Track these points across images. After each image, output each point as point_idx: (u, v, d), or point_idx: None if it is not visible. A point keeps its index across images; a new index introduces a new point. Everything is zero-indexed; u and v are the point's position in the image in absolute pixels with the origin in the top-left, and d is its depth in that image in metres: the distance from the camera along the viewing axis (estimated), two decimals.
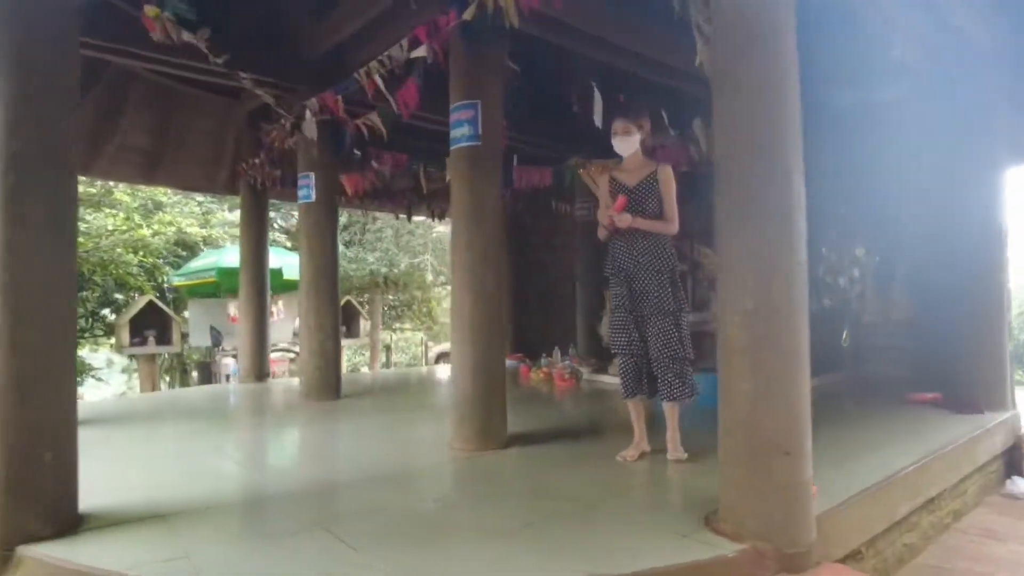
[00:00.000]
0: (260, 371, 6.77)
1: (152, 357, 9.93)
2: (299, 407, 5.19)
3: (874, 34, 4.27)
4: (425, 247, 14.19)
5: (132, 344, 9.20)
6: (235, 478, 3.15)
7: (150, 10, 3.81)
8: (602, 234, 3.45)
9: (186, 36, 3.88)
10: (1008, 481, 4.33)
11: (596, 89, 4.27)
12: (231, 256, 9.80)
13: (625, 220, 3.26)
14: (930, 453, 3.39)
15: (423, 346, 17.56)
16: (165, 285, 11.70)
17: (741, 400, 2.28)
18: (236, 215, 12.27)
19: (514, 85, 4.66)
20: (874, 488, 2.83)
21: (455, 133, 3.69)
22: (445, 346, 17.62)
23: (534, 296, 9.01)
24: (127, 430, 4.31)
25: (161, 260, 11.71)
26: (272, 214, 12.83)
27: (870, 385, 5.74)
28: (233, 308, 9.69)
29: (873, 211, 6.18)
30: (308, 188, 5.43)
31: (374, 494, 2.96)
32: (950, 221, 4.91)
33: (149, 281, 11.64)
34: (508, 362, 8.54)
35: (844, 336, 7.23)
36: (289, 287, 9.52)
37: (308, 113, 5.25)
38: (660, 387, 3.31)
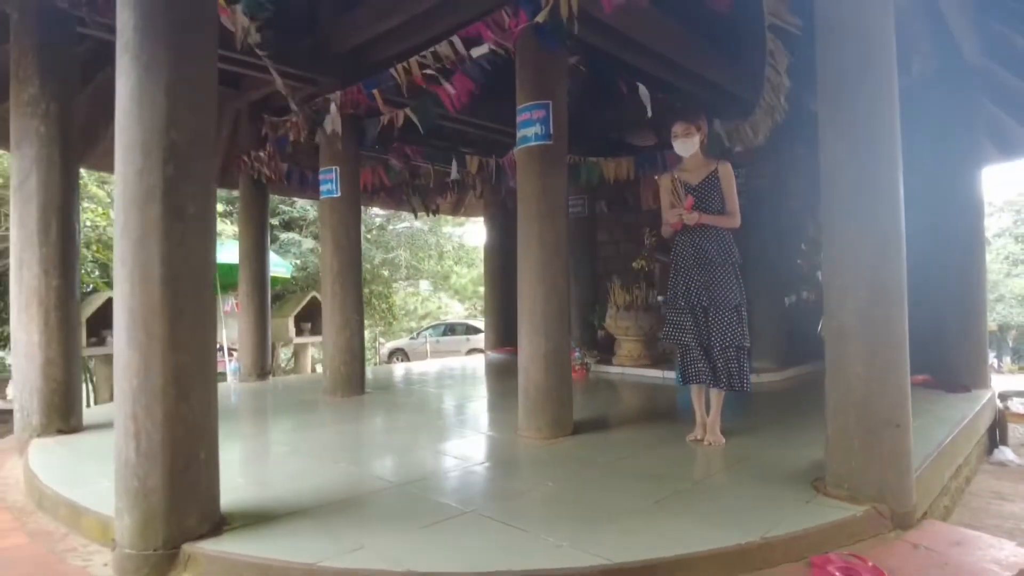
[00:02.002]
0: (262, 368, 6.64)
1: (110, 358, 9.47)
2: (331, 404, 5.17)
3: None
4: (399, 242, 14.05)
5: (89, 345, 8.74)
6: (333, 473, 3.16)
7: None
8: (667, 231, 3.67)
9: (251, 32, 3.80)
10: (996, 450, 4.88)
11: (641, 85, 4.49)
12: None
13: (693, 218, 3.48)
14: (956, 424, 3.82)
15: (375, 342, 17.40)
16: None
17: (856, 382, 2.56)
18: (221, 208, 11.75)
19: None
20: (934, 456, 3.20)
21: (525, 132, 3.81)
22: (398, 343, 17.53)
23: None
24: None
25: None
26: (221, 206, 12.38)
27: None
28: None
29: None
30: (332, 183, 5.39)
31: (488, 481, 3.08)
32: (933, 216, 5.41)
33: (102, 278, 11.01)
34: (500, 355, 8.77)
35: (820, 326, 7.81)
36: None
37: (333, 106, 5.23)
38: (722, 376, 3.49)
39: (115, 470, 2.29)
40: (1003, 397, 5.36)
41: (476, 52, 4.02)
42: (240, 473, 3.13)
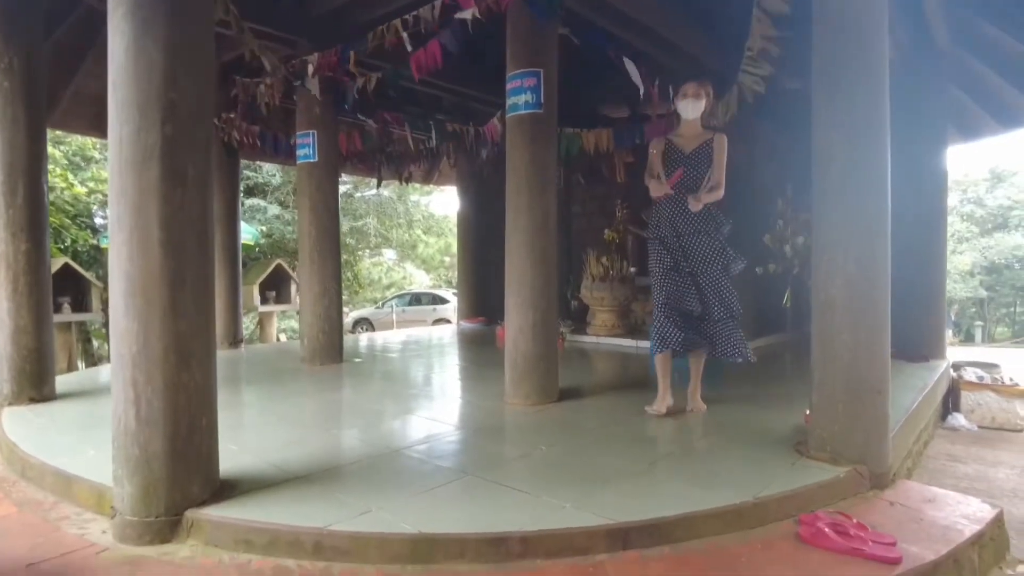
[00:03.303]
0: (235, 337, 6.53)
1: (68, 326, 9.14)
2: (311, 373, 5.13)
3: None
4: (368, 210, 13.80)
5: None
6: (325, 440, 3.17)
7: None
8: (657, 192, 3.48)
9: None
10: (950, 416, 5.17)
11: (627, 60, 4.49)
12: None
13: (696, 206, 3.35)
14: (919, 391, 4.04)
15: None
16: (81, 247, 10.68)
17: (842, 350, 2.68)
18: None
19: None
20: (904, 420, 3.38)
21: (515, 100, 3.79)
22: (363, 312, 17.37)
23: (499, 260, 9.17)
24: None
25: (71, 220, 10.64)
26: None
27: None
28: None
29: None
30: (309, 147, 5.27)
31: (482, 446, 3.13)
32: (900, 195, 5.60)
33: (56, 244, 10.58)
34: (472, 325, 8.80)
35: (785, 297, 8.07)
36: None
37: (310, 68, 5.09)
38: (719, 345, 3.45)
39: (113, 438, 2.25)
40: (956, 367, 5.66)
41: (460, 15, 3.95)
42: (232, 441, 3.09)
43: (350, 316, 17.27)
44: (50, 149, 10.22)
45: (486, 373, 5.01)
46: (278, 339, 10.74)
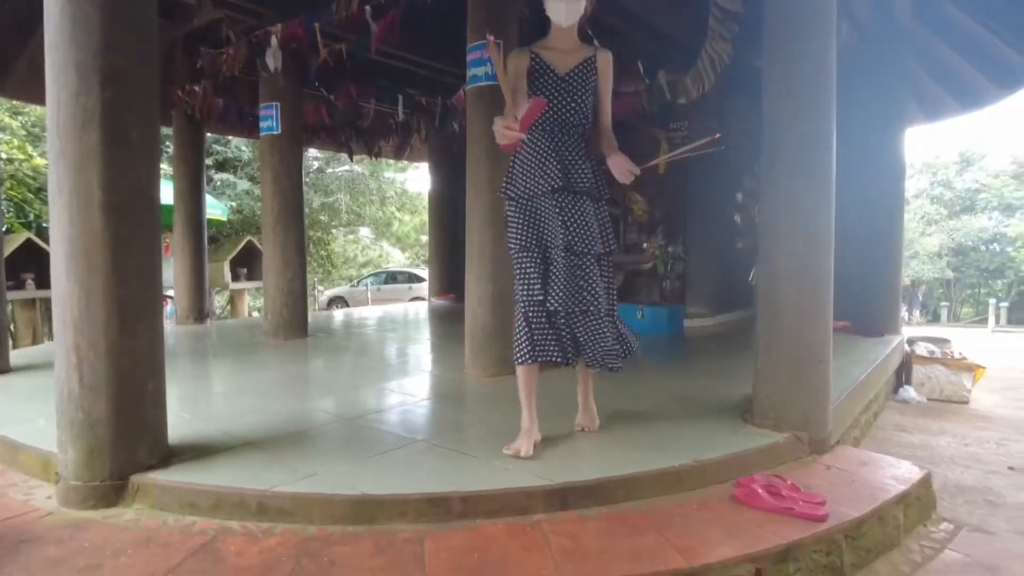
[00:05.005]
0: (200, 312, 6.48)
1: (32, 303, 8.98)
2: (274, 346, 5.12)
3: None
4: (339, 186, 13.65)
5: (8, 289, 8.27)
6: (280, 409, 3.18)
7: None
8: (509, 138, 2.31)
9: None
10: (901, 389, 5.33)
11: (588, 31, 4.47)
12: None
13: (627, 176, 2.42)
14: (870, 364, 4.16)
15: (313, 290, 17.09)
16: (45, 222, 10.43)
17: (788, 320, 2.74)
18: None
19: None
20: (850, 390, 3.49)
21: (475, 71, 3.78)
22: (337, 290, 17.28)
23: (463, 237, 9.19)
24: None
25: (34, 195, 10.39)
26: None
27: None
28: None
29: None
30: (272, 119, 5.21)
31: (437, 414, 3.17)
32: (858, 175, 5.71)
33: (18, 218, 10.34)
34: (443, 302, 8.81)
35: (752, 275, 8.20)
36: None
37: (274, 39, 5.01)
38: (588, 351, 2.54)
39: (56, 403, 2.25)
40: (910, 342, 5.83)
41: None
42: (186, 409, 3.10)
43: (324, 294, 17.19)
44: (7, 120, 9.97)
45: (450, 347, 5.04)
46: (250, 315, 10.66)
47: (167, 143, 8.15)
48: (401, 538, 1.97)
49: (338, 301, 16.28)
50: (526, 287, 2.51)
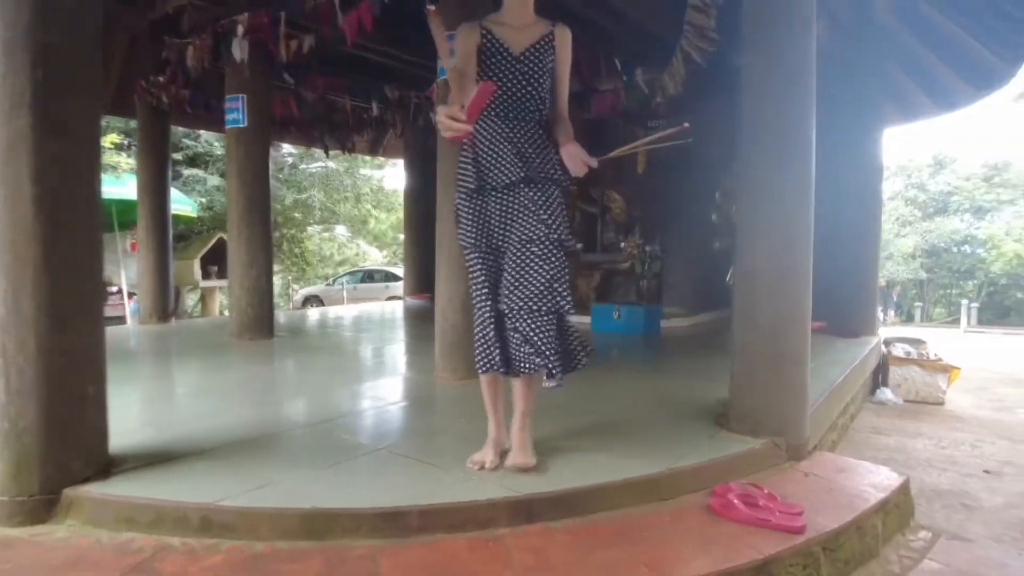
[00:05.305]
0: (164, 310, 6.26)
1: None
2: (238, 347, 4.94)
3: None
4: (313, 183, 13.38)
5: None
6: (238, 414, 3.02)
7: None
8: (455, 130, 1.94)
9: None
10: (878, 390, 5.30)
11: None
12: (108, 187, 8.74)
13: (580, 168, 2.14)
14: (847, 366, 4.10)
15: (287, 289, 16.78)
16: None
17: (765, 320, 2.65)
18: (106, 139, 10.75)
19: None
20: (827, 394, 3.42)
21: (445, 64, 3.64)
22: (312, 289, 17.00)
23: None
24: None
25: None
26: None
27: None
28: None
29: None
30: (238, 112, 5.02)
31: (402, 420, 3.03)
32: (836, 175, 5.69)
33: None
34: (418, 301, 8.66)
35: (729, 275, 8.16)
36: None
37: (240, 28, 4.83)
38: (516, 358, 2.20)
39: None
40: (887, 343, 5.80)
41: None
42: (136, 415, 2.93)
43: (299, 293, 16.90)
44: None
45: (421, 347, 4.90)
46: (221, 314, 10.40)
47: (134, 136, 7.90)
48: (354, 555, 1.84)
49: (313, 300, 15.99)
50: (476, 289, 2.29)
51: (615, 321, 6.01)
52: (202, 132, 11.95)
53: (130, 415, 2.89)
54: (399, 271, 15.40)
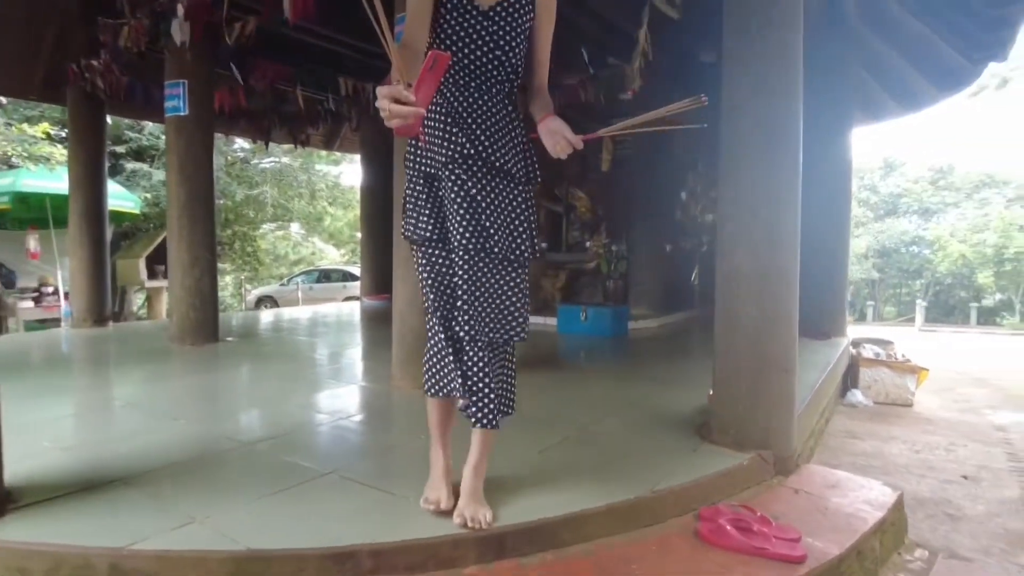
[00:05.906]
0: (100, 313, 5.79)
1: None
2: (179, 353, 4.56)
3: None
4: (265, 178, 12.82)
5: None
6: (171, 433, 2.69)
7: None
8: (402, 117, 1.31)
9: None
10: (849, 392, 5.22)
11: None
12: (32, 179, 8.15)
13: (561, 151, 1.75)
14: (824, 369, 3.97)
15: (240, 289, 16.13)
16: None
17: (748, 324, 2.46)
18: (38, 128, 10.06)
19: None
20: (809, 399, 3.27)
21: None
22: (266, 289, 16.38)
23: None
24: None
25: None
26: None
27: None
28: (33, 242, 8.10)
29: None
30: (179, 99, 4.64)
31: (355, 437, 2.74)
32: (807, 173, 5.59)
33: None
34: (376, 302, 8.32)
35: (694, 275, 8.08)
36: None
37: (180, 8, 4.46)
38: (469, 389, 1.85)
39: None
40: (855, 344, 5.75)
41: None
42: (48, 436, 2.56)
43: (252, 294, 16.26)
44: None
45: (379, 352, 4.60)
46: (169, 316, 9.85)
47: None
48: None
49: (267, 301, 15.39)
50: (425, 293, 1.90)
51: (582, 323, 5.82)
52: (147, 124, 11.32)
53: (41, 436, 2.53)
54: (356, 270, 14.96)
